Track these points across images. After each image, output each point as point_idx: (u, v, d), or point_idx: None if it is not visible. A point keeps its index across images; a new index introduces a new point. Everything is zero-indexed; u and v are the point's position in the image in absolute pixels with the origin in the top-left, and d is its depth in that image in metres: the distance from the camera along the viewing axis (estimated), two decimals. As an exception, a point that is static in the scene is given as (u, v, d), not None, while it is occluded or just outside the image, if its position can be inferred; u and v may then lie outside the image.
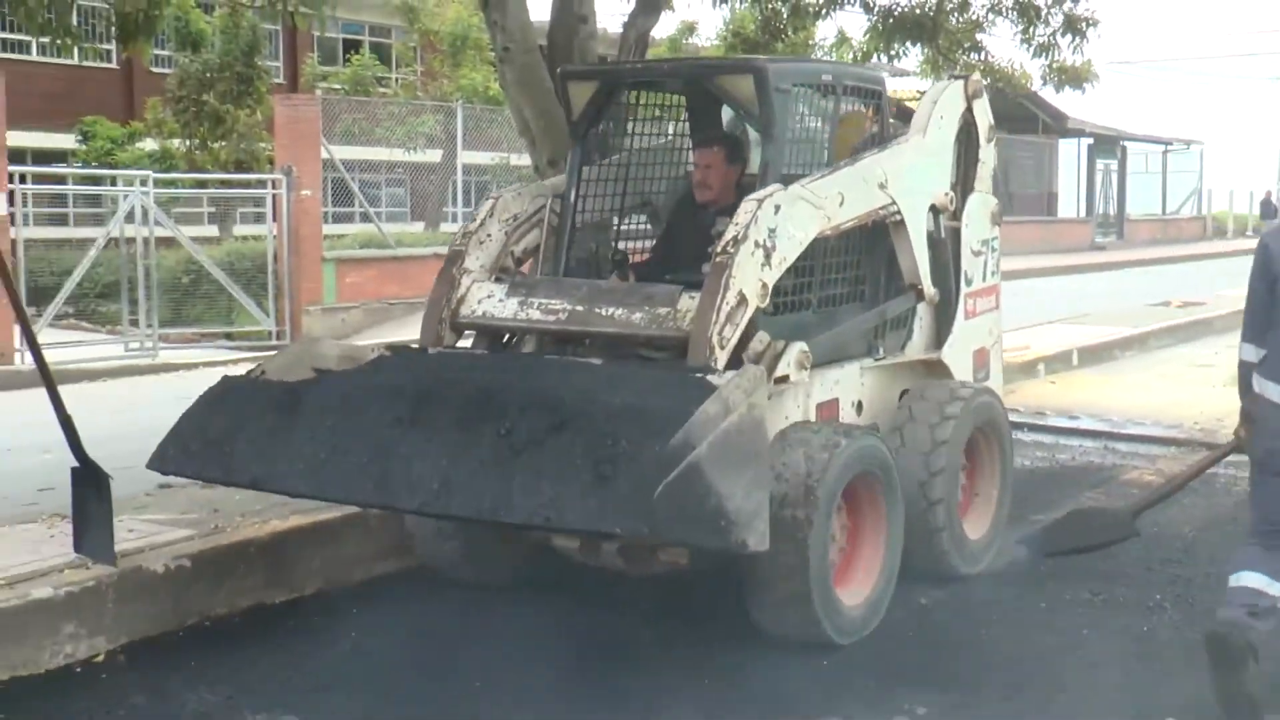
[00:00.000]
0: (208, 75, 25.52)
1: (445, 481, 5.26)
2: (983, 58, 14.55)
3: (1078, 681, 5.85)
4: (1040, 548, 7.27)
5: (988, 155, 8.12)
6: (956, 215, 7.75)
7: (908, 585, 6.91)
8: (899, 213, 7.09)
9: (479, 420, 5.41)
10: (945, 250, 7.66)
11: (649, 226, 8.11)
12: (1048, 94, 17.71)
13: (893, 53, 13.69)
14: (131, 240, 18.21)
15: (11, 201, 16.44)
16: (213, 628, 6.54)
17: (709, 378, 5.41)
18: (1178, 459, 10.27)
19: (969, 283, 7.84)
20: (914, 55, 14.46)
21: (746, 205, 6.09)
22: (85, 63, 24.79)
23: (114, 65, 31.36)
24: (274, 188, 19.72)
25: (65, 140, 28.57)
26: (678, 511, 4.88)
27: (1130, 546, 7.23)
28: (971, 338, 7.92)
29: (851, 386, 6.99)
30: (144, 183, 18.85)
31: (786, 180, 6.46)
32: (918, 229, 7.29)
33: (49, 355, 7.34)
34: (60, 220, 24.82)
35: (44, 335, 12.45)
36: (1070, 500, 8.90)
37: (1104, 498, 8.98)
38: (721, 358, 5.82)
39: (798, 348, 6.16)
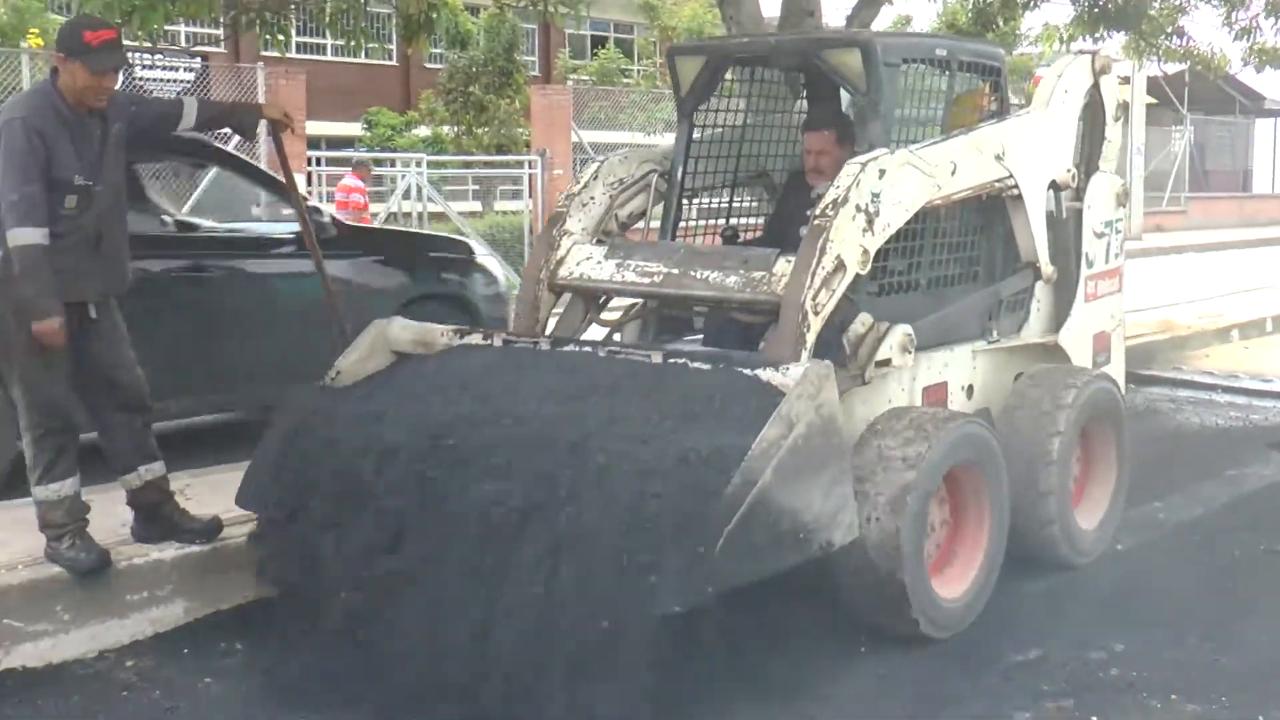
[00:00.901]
0: (473, 70, 26.21)
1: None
2: (1184, 42, 14.13)
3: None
4: None
5: (1114, 134, 7.18)
6: (1079, 195, 6.87)
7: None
8: (1016, 186, 6.26)
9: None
10: (1066, 231, 6.84)
11: (759, 204, 7.43)
12: (1246, 75, 17.08)
13: (1097, 38, 13.35)
14: (408, 214, 18.79)
15: (309, 181, 17.10)
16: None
17: (772, 379, 4.74)
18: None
19: (1090, 265, 6.92)
20: (1117, 41, 14.09)
21: (849, 168, 5.35)
22: (371, 61, 25.61)
23: (394, 62, 32.33)
24: (530, 168, 20.19)
25: (353, 128, 29.50)
26: (749, 552, 4.30)
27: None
28: (1092, 321, 6.98)
29: (962, 370, 6.14)
30: (419, 164, 19.47)
31: None
32: (1036, 205, 6.45)
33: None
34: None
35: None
36: (1261, 458, 8.65)
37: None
38: (815, 324, 5.09)
39: (901, 330, 5.36)
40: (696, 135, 6.74)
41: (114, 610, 5.52)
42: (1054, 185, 6.63)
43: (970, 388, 6.17)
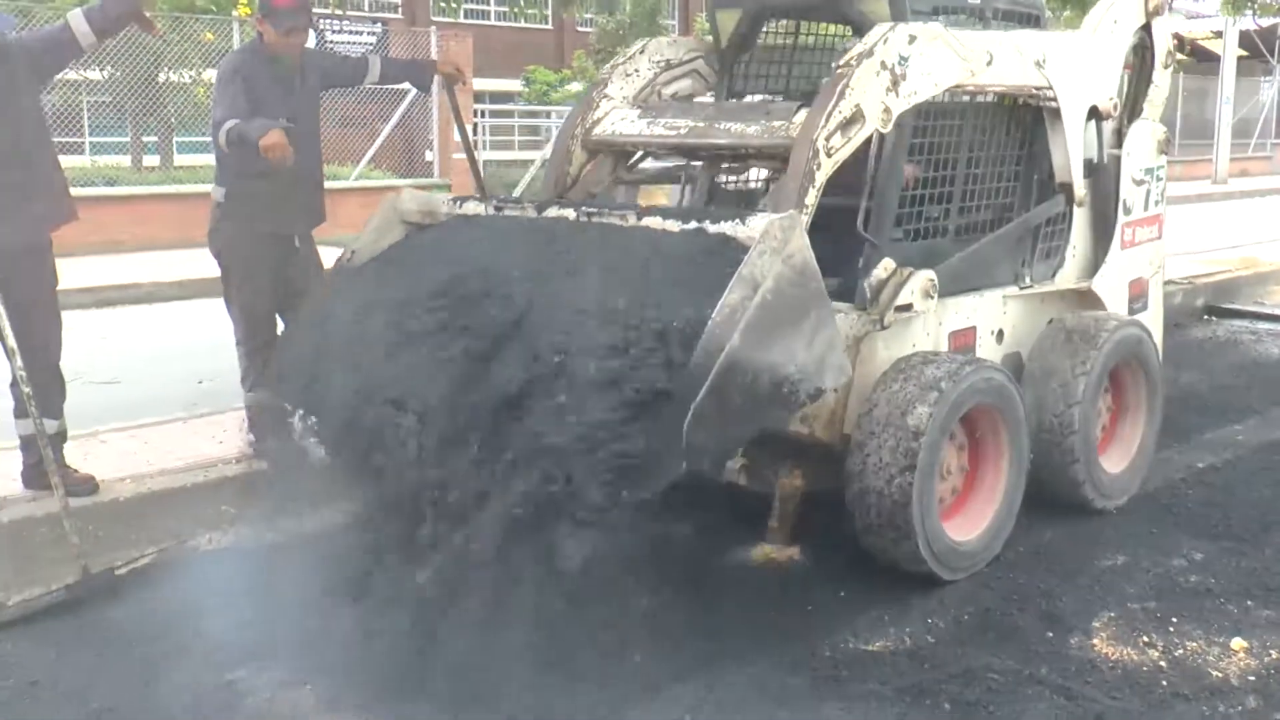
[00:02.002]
0: (620, 32, 26.18)
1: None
2: (1275, -2, 13.54)
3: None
4: None
5: (1162, 80, 6.47)
6: (1119, 141, 6.19)
7: (1192, 451, 6.68)
8: (1055, 100, 5.55)
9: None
10: (1106, 176, 6.11)
11: None
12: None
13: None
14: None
15: (475, 131, 17.22)
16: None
17: (736, 232, 4.23)
18: None
19: (1128, 212, 6.21)
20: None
21: (878, 28, 4.79)
22: (529, 25, 25.61)
23: (549, 26, 32.27)
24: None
25: (513, 84, 29.63)
26: (727, 418, 3.88)
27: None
28: (1128, 268, 6.31)
29: (992, 315, 5.56)
30: (572, 116, 19.39)
31: None
32: (1074, 124, 5.73)
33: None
34: (507, 146, 25.79)
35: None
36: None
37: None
38: (825, 165, 4.54)
39: (923, 275, 4.85)
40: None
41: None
42: (1095, 114, 5.91)
43: (1000, 332, 5.62)
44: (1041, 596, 4.82)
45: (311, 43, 5.96)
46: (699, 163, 5.66)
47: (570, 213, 4.83)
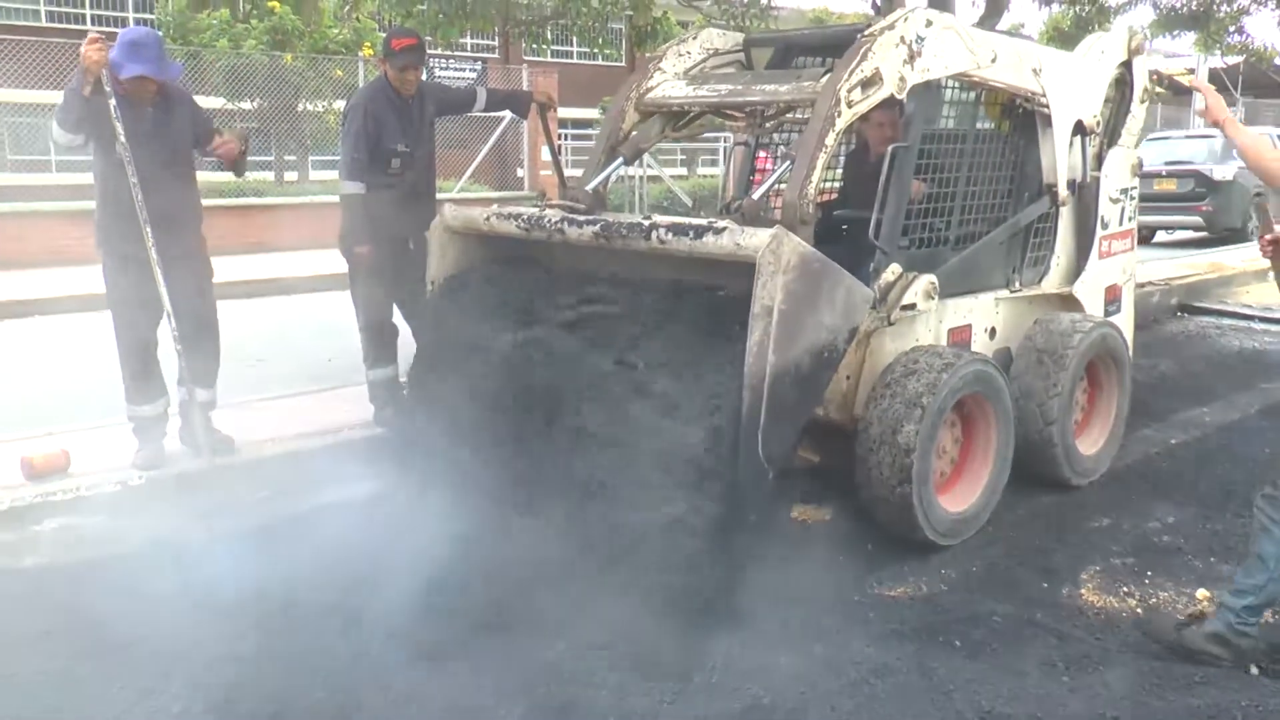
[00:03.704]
0: (681, 68, 26.04)
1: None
2: (1244, 39, 13.20)
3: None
4: None
5: (1138, 112, 6.32)
6: (1099, 164, 6.02)
7: (1167, 429, 6.54)
8: (1047, 105, 5.46)
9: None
10: (1088, 194, 5.94)
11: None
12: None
13: (1172, 36, 12.54)
14: (632, 176, 18.83)
15: (560, 151, 17.19)
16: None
17: (737, 253, 3.93)
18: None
19: (1105, 226, 6.07)
20: (1187, 39, 13.25)
21: (898, 11, 4.73)
22: (606, 63, 25.49)
23: (622, 64, 32.16)
24: (724, 142, 19.86)
25: (591, 113, 29.58)
26: (790, 410, 3.89)
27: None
28: (1104, 275, 6.15)
29: (985, 314, 5.44)
30: (640, 139, 19.34)
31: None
32: (1061, 131, 5.61)
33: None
34: (586, 164, 25.77)
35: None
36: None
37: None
38: (845, 114, 4.45)
39: (926, 279, 4.76)
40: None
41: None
42: (1080, 129, 5.79)
43: (993, 330, 5.51)
44: (1038, 552, 4.76)
45: (423, 78, 5.96)
46: (739, 120, 5.44)
47: (590, 230, 4.49)
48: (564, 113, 22.93)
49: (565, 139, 19.40)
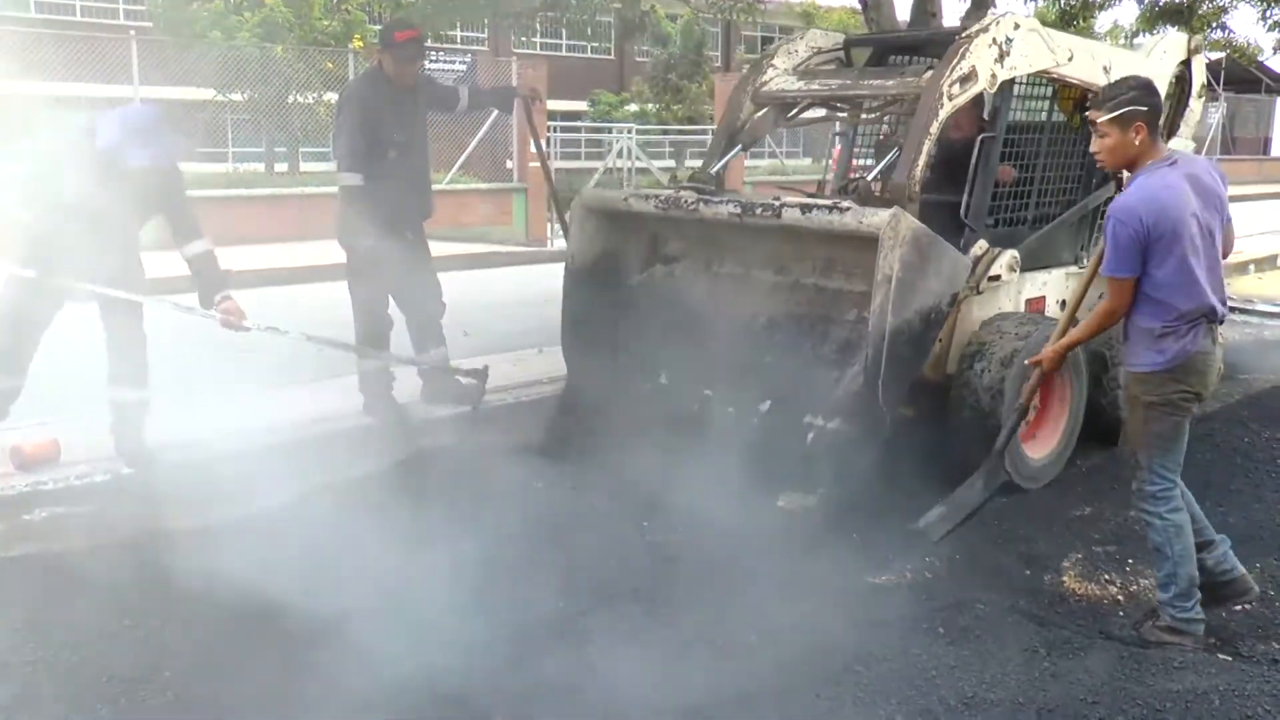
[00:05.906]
0: (671, 62, 26.12)
1: None
2: (1226, 34, 13.25)
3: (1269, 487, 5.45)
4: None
5: (1196, 107, 6.74)
6: None
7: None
8: None
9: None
10: None
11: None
12: (1274, 62, 16.01)
13: (1154, 32, 12.59)
14: (620, 169, 18.82)
15: (548, 144, 17.18)
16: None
17: (861, 229, 4.47)
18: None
19: None
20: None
21: (990, 16, 5.16)
22: (595, 55, 25.49)
23: (612, 57, 32.11)
24: (709, 135, 19.87)
25: (580, 105, 29.55)
26: (902, 368, 4.45)
27: None
28: None
29: (1057, 287, 5.94)
30: (629, 132, 19.43)
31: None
32: None
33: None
34: (575, 156, 25.76)
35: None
36: (1268, 366, 8.16)
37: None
38: (947, 106, 4.89)
39: (1009, 253, 5.27)
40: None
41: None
42: None
43: (1063, 302, 5.93)
44: (1021, 540, 4.78)
45: (420, 69, 5.95)
46: (844, 112, 5.97)
47: (726, 209, 5.02)
48: (553, 105, 22.86)
49: (554, 131, 19.37)
